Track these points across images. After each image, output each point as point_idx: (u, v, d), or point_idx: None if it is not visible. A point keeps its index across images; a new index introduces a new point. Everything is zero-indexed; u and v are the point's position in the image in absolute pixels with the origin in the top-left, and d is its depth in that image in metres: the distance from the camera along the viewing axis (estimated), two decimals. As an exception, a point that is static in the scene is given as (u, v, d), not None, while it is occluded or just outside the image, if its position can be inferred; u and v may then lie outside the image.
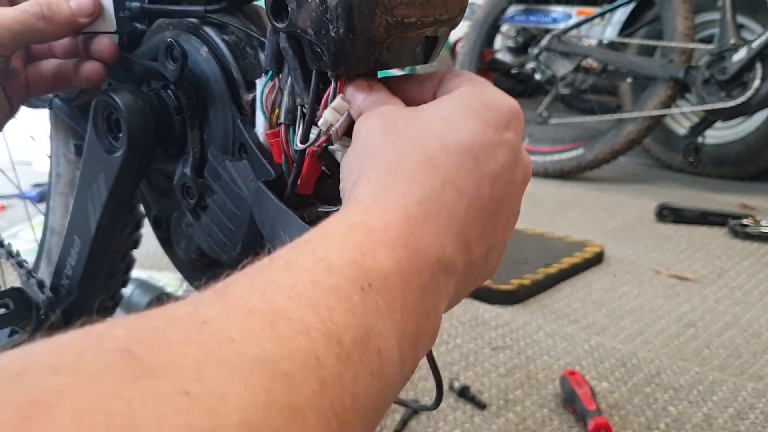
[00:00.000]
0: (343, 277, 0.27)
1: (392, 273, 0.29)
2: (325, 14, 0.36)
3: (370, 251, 0.29)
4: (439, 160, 0.33)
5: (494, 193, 0.34)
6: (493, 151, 0.34)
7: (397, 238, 0.30)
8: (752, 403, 0.89)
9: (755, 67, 1.93)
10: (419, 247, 0.30)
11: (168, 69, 0.47)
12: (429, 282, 0.30)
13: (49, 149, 0.76)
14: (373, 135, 0.35)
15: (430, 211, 0.31)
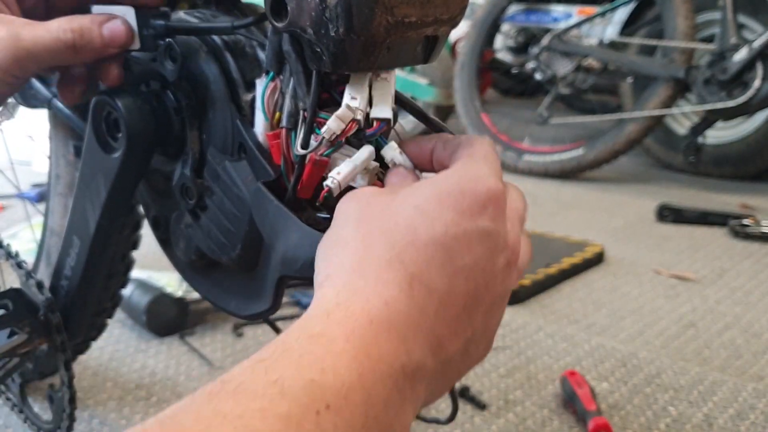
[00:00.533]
0: (297, 402, 0.25)
1: (353, 388, 0.27)
2: (325, 13, 0.36)
3: (331, 366, 0.27)
4: (408, 256, 0.31)
5: (470, 286, 0.32)
6: (468, 243, 0.32)
7: (360, 347, 0.28)
8: (752, 403, 0.89)
9: (756, 67, 1.93)
10: (382, 355, 0.29)
11: (167, 69, 0.47)
12: (392, 392, 0.29)
13: (49, 150, 0.76)
14: (347, 225, 0.34)
15: (397, 313, 0.30)
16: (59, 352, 0.59)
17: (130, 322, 1.07)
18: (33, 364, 0.78)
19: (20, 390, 0.77)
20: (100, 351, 0.99)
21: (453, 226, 0.32)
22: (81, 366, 0.94)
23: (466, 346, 0.33)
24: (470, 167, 0.35)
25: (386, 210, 0.33)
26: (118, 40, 0.44)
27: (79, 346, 0.81)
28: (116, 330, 1.04)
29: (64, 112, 0.61)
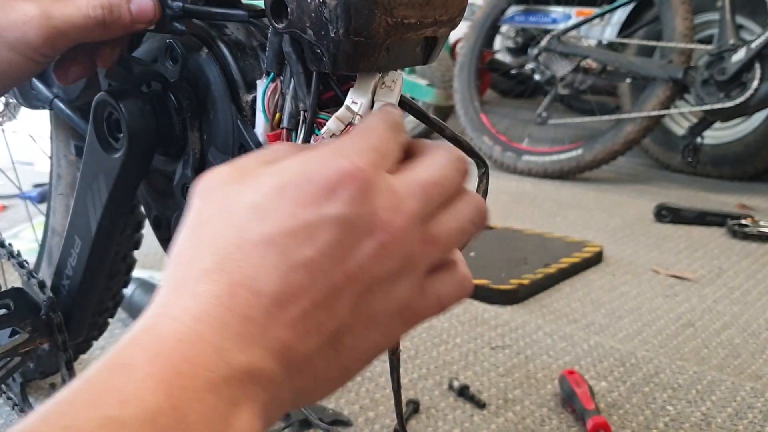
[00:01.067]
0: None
1: (161, 411, 0.25)
2: (325, 15, 0.36)
3: (133, 395, 0.25)
4: (232, 262, 0.29)
5: (317, 279, 0.29)
6: (309, 235, 0.29)
7: (168, 368, 0.26)
8: (751, 402, 0.89)
9: (754, 68, 1.93)
10: (196, 371, 0.27)
11: (168, 70, 0.48)
12: (216, 404, 0.26)
13: (50, 150, 0.77)
14: (185, 227, 0.32)
15: (209, 326, 0.28)
16: (61, 352, 0.60)
17: (132, 321, 1.08)
18: (34, 364, 0.79)
19: (21, 389, 0.77)
20: (102, 351, 0.99)
21: (289, 219, 0.29)
22: (82, 365, 0.95)
23: (333, 340, 0.30)
24: (328, 147, 0.32)
25: (222, 210, 0.31)
26: (146, 16, 0.44)
27: (81, 346, 0.81)
28: (117, 330, 1.05)
29: (65, 112, 0.61)
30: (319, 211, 0.29)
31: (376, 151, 0.32)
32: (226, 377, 0.27)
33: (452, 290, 0.35)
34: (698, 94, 2.03)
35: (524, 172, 2.33)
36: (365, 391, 0.89)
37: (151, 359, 0.26)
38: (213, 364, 0.27)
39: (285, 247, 0.29)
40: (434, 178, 0.32)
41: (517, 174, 2.35)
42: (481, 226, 0.35)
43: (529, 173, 2.33)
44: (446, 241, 0.33)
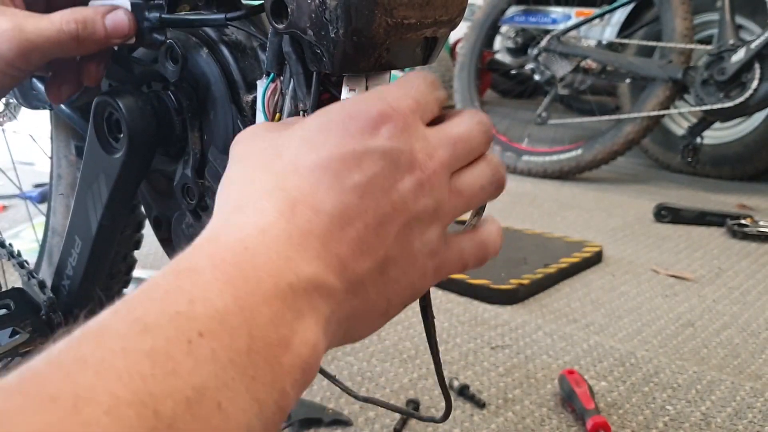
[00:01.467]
0: (162, 335, 0.24)
1: (229, 312, 0.26)
2: (325, 15, 0.36)
3: (200, 296, 0.26)
4: (290, 183, 0.31)
5: (368, 204, 0.31)
6: (358, 162, 0.31)
7: (234, 273, 0.27)
8: (750, 402, 0.89)
9: (754, 68, 1.93)
10: (262, 277, 0.28)
11: (168, 70, 0.48)
12: (281, 310, 0.28)
13: (50, 150, 0.77)
14: (233, 164, 0.34)
15: (275, 237, 0.29)
16: (61, 351, 0.60)
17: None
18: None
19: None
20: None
21: (337, 148, 0.32)
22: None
23: (382, 267, 0.32)
24: (369, 94, 0.35)
25: (272, 144, 0.33)
26: (120, 31, 0.45)
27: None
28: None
29: (65, 112, 0.61)
30: (364, 142, 0.32)
31: (415, 100, 0.35)
32: (292, 285, 0.28)
33: (473, 250, 0.37)
34: (698, 95, 2.03)
35: (524, 172, 2.34)
36: (365, 390, 0.89)
37: (216, 264, 0.28)
38: (280, 271, 0.28)
39: (337, 172, 0.31)
40: (462, 135, 0.36)
41: (517, 174, 2.35)
42: (499, 188, 0.37)
43: (529, 173, 2.33)
44: (469, 196, 0.36)
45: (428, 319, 0.44)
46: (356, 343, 1.02)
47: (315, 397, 0.87)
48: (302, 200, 0.31)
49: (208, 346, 0.25)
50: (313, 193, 0.31)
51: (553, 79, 2.39)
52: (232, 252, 0.28)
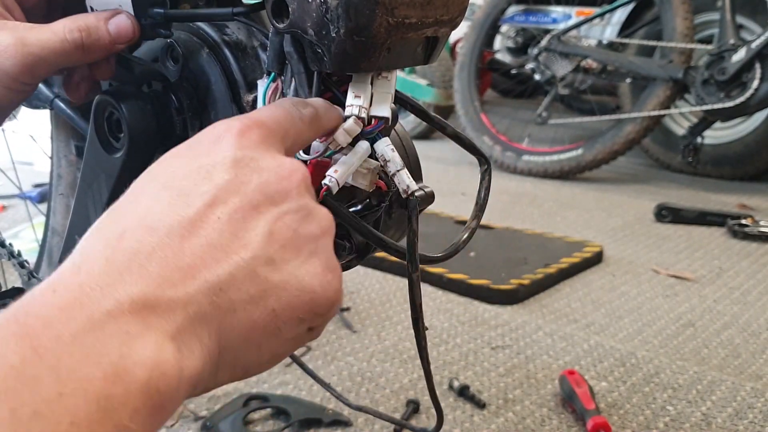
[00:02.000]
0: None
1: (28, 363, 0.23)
2: (326, 14, 0.36)
3: None
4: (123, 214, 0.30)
5: (217, 209, 0.29)
6: (206, 174, 0.30)
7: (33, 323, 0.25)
8: (751, 402, 0.89)
9: (754, 68, 1.93)
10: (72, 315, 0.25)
11: (169, 70, 0.48)
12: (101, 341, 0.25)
13: (50, 150, 0.77)
14: None
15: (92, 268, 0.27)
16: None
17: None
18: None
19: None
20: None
21: (183, 167, 0.31)
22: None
23: (250, 271, 0.29)
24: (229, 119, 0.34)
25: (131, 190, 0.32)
26: (125, 36, 0.44)
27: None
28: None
29: (65, 112, 0.61)
30: (209, 157, 0.31)
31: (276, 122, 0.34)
32: (111, 312, 0.25)
33: None
34: (698, 94, 2.03)
35: (524, 172, 2.33)
36: (365, 391, 0.89)
37: (15, 320, 0.25)
38: (93, 303, 0.26)
39: (180, 188, 0.30)
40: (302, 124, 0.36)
41: (517, 174, 2.35)
42: None
43: (529, 173, 2.33)
44: None
45: (420, 331, 0.43)
46: (356, 343, 1.02)
47: (315, 397, 0.87)
48: (132, 224, 0.29)
49: (6, 407, 0.22)
50: (148, 213, 0.29)
51: (554, 79, 2.39)
52: (38, 302, 0.26)
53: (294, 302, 0.30)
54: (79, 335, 0.24)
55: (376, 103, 0.39)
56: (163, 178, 0.31)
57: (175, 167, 0.31)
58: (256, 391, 0.86)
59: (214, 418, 0.80)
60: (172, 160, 0.32)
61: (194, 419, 0.81)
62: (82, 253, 0.28)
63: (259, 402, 0.83)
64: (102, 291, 0.26)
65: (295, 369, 0.93)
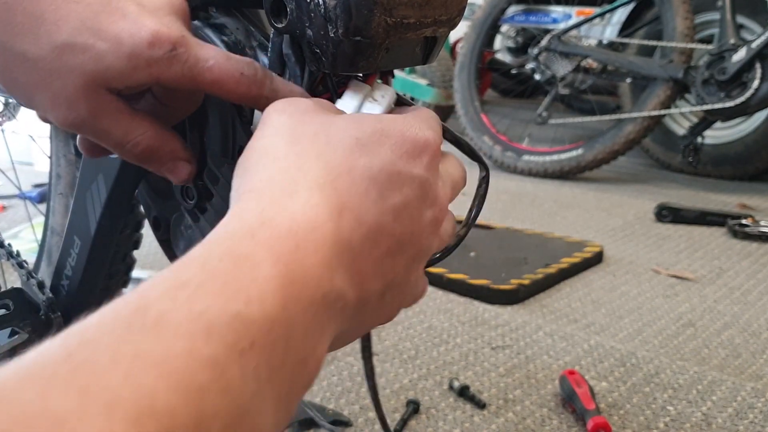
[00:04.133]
0: (222, 342, 0.23)
1: (277, 321, 0.25)
2: (324, 14, 0.36)
3: (257, 296, 0.25)
4: (342, 183, 0.30)
5: (396, 227, 0.31)
6: (400, 184, 0.31)
7: (286, 274, 0.26)
8: (751, 402, 0.89)
9: (755, 68, 1.93)
10: (307, 282, 0.27)
11: (168, 70, 0.47)
12: (312, 323, 0.27)
13: (50, 150, 0.77)
14: (278, 137, 0.32)
15: (323, 238, 0.28)
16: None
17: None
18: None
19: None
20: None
21: (390, 164, 0.31)
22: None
23: (384, 291, 0.32)
24: (415, 117, 0.35)
25: (325, 132, 0.32)
26: None
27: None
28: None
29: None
30: (410, 167, 0.32)
31: (439, 136, 0.36)
32: (325, 296, 0.27)
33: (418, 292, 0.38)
34: (699, 94, 2.03)
35: (524, 172, 2.33)
36: (365, 391, 0.89)
37: (274, 260, 0.26)
38: (320, 279, 0.27)
39: (383, 188, 0.31)
40: (459, 181, 0.38)
41: (517, 174, 2.35)
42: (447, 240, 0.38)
43: (529, 173, 2.33)
44: (441, 243, 0.37)
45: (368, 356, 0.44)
46: (356, 343, 1.02)
47: (315, 397, 0.87)
48: (350, 206, 0.30)
49: (255, 360, 0.24)
50: (361, 202, 0.30)
51: (554, 79, 2.39)
52: (287, 248, 0.27)
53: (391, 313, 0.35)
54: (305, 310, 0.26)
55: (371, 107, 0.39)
56: (375, 163, 0.31)
57: (384, 158, 0.31)
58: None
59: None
60: (382, 145, 0.32)
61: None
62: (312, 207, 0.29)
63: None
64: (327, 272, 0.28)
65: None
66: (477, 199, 0.45)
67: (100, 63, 0.34)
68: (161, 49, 0.34)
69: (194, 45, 0.36)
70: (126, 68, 0.34)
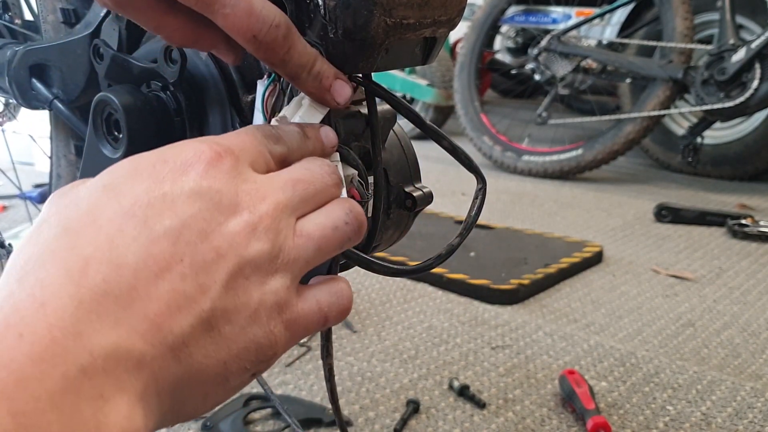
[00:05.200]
0: None
1: None
2: (324, 15, 0.36)
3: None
4: (84, 238, 0.26)
5: (183, 250, 0.27)
6: (170, 205, 0.28)
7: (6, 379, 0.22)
8: (751, 402, 0.89)
9: (754, 68, 1.93)
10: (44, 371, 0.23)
11: (167, 70, 0.48)
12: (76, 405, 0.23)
13: (50, 150, 0.77)
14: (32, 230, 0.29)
15: (61, 307, 0.24)
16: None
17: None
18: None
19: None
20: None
21: (145, 193, 0.28)
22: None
23: (207, 324, 0.28)
24: (189, 140, 0.31)
25: (73, 198, 0.29)
26: None
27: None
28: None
29: (64, 113, 0.61)
30: (178, 184, 0.28)
31: (243, 145, 0.32)
32: (85, 369, 0.24)
33: (332, 299, 0.33)
34: (698, 94, 2.03)
35: (524, 172, 2.34)
36: (365, 391, 0.89)
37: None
38: (67, 354, 0.24)
39: (145, 218, 0.27)
40: (303, 177, 0.32)
41: (517, 174, 2.35)
42: (357, 228, 0.34)
43: (529, 173, 2.33)
44: (320, 238, 0.32)
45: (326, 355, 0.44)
46: (356, 343, 1.02)
47: (315, 397, 0.87)
48: (97, 256, 0.26)
49: None
50: (113, 246, 0.26)
51: (554, 79, 2.39)
52: (5, 347, 0.23)
53: (242, 354, 0.29)
54: (56, 398, 0.23)
55: None
56: (126, 200, 0.28)
57: (138, 190, 0.28)
58: (256, 391, 0.86)
59: (214, 417, 0.80)
60: (135, 180, 0.29)
61: (194, 419, 0.81)
62: (40, 281, 0.25)
63: (259, 402, 0.83)
64: (75, 340, 0.24)
65: (295, 369, 0.93)
66: (473, 210, 0.45)
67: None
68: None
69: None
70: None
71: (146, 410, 0.26)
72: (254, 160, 0.32)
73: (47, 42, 0.61)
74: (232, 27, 0.33)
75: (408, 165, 0.48)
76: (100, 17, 0.56)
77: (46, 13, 0.64)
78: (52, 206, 0.29)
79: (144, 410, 0.26)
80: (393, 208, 0.45)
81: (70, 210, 0.28)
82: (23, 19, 0.75)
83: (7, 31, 0.73)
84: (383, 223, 0.45)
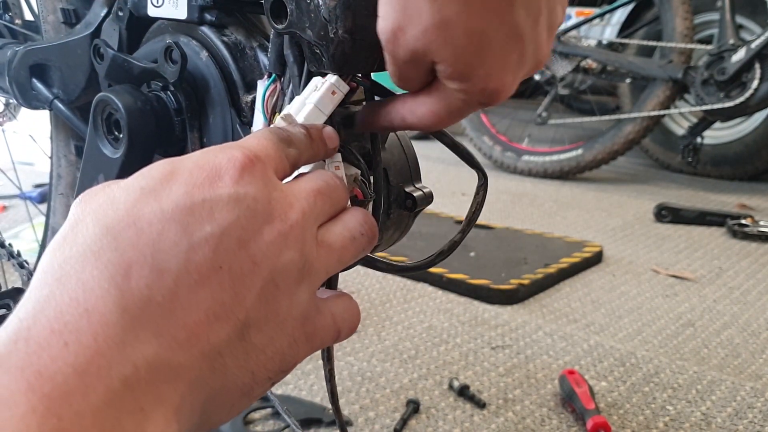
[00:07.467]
0: None
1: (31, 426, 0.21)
2: (324, 14, 0.36)
3: None
4: (125, 240, 0.26)
5: (222, 258, 0.27)
6: (209, 211, 0.27)
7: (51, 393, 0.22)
8: (750, 402, 0.89)
9: (754, 68, 1.93)
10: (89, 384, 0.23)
11: (168, 71, 0.48)
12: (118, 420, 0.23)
13: (50, 150, 0.77)
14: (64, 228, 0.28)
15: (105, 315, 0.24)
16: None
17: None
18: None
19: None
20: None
21: (184, 197, 0.27)
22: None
23: (242, 333, 0.28)
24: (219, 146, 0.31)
25: (109, 198, 0.28)
26: None
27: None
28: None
29: (64, 113, 0.61)
30: (215, 191, 0.28)
31: (268, 152, 0.32)
32: (128, 381, 0.24)
33: (345, 314, 0.33)
34: (698, 94, 2.03)
35: (524, 172, 2.34)
36: (365, 391, 0.89)
37: (29, 386, 0.22)
38: (110, 366, 0.23)
39: (185, 224, 0.27)
40: (322, 188, 0.33)
41: (517, 174, 2.35)
42: (371, 238, 0.34)
43: (529, 173, 2.33)
44: (341, 249, 0.32)
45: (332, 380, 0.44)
46: (356, 343, 1.02)
47: (315, 397, 0.87)
48: (139, 260, 0.25)
49: None
50: (155, 250, 0.26)
51: (554, 79, 2.39)
52: (46, 359, 0.23)
53: (268, 363, 0.29)
54: (99, 413, 0.22)
55: None
56: (166, 204, 0.27)
57: (177, 195, 0.28)
58: (255, 391, 0.86)
59: (214, 418, 0.80)
60: (172, 183, 0.28)
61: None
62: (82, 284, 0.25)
63: (259, 402, 0.83)
64: (119, 351, 0.24)
65: (294, 369, 0.93)
66: (474, 206, 0.45)
67: None
68: None
69: None
70: None
71: (180, 424, 0.26)
72: (276, 166, 0.32)
73: (47, 42, 0.61)
74: None
75: (408, 165, 0.48)
76: (101, 17, 0.56)
77: (46, 13, 0.64)
78: (85, 206, 0.28)
79: (178, 424, 0.25)
80: (393, 208, 0.45)
81: (107, 210, 0.27)
82: (23, 19, 0.75)
83: (8, 31, 0.73)
84: (383, 223, 0.45)
